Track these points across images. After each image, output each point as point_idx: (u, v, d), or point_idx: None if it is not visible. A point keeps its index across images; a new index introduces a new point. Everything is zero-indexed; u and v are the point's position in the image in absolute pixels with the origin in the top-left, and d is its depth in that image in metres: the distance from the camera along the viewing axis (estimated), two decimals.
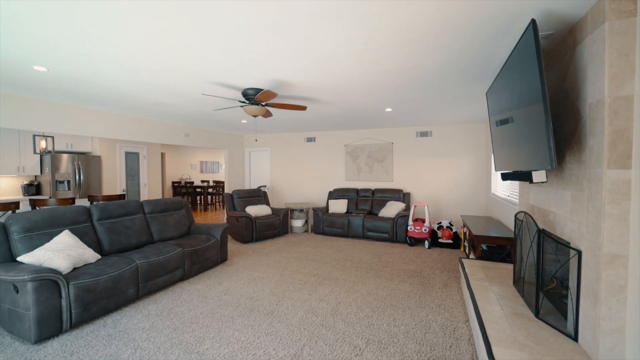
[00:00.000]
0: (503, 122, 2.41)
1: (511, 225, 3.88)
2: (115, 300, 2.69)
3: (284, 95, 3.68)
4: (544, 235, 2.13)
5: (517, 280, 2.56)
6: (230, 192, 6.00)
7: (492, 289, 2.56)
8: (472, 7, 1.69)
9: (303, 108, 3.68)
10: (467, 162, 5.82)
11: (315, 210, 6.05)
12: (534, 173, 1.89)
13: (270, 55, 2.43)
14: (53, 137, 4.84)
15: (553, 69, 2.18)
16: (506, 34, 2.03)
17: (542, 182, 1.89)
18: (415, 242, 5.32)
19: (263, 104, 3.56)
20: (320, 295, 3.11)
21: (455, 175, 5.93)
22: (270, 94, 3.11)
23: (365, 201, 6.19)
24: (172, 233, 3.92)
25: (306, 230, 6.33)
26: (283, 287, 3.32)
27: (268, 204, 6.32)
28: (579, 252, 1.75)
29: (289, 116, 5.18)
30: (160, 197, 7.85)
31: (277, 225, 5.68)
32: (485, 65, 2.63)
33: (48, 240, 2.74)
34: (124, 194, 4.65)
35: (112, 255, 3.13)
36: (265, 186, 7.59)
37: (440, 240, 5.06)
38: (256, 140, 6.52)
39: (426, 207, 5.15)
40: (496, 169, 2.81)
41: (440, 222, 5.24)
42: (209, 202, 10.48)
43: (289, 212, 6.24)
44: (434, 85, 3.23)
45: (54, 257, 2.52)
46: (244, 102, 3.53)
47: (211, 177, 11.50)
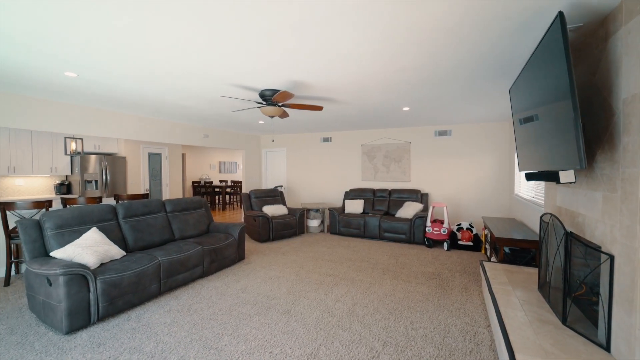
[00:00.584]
0: (527, 119, 2.32)
1: (536, 227, 3.71)
2: (138, 295, 2.80)
3: (301, 95, 3.70)
4: (571, 239, 2.02)
5: (543, 285, 2.45)
6: (248, 192, 6.10)
7: (515, 294, 2.46)
8: (496, 1, 1.64)
9: (319, 108, 3.68)
10: (489, 162, 5.63)
11: (331, 210, 6.04)
12: (561, 173, 1.80)
13: (286, 57, 2.45)
14: (82, 139, 5.10)
15: (582, 63, 2.07)
16: (531, 28, 1.95)
17: (571, 183, 1.79)
18: (434, 243, 5.20)
19: (280, 104, 3.59)
20: (336, 295, 3.10)
21: (476, 176, 5.75)
22: (287, 95, 3.14)
23: (381, 201, 6.12)
24: (192, 231, 4.03)
25: (322, 230, 6.34)
26: (299, 286, 3.33)
27: (284, 203, 6.38)
28: (611, 257, 1.65)
29: (305, 116, 5.20)
30: (181, 196, 8.10)
31: (293, 225, 5.72)
32: (509, 61, 2.53)
33: (77, 237, 2.89)
34: (147, 193, 4.84)
35: (136, 252, 3.26)
36: (281, 186, 7.66)
37: (459, 242, 4.92)
38: (273, 141, 6.60)
39: (445, 208, 5.03)
40: (520, 169, 2.70)
41: (460, 224, 5.09)
42: (227, 201, 10.71)
43: (305, 212, 6.27)
44: (454, 82, 3.14)
45: (82, 253, 2.66)
46: (261, 103, 3.58)
47: (229, 177, 11.74)
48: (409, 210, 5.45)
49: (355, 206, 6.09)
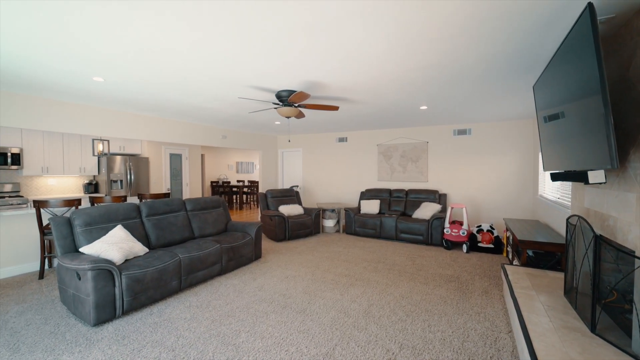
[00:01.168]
0: (553, 117, 2.22)
1: (561, 230, 3.54)
2: (160, 291, 2.90)
3: (317, 96, 3.71)
4: (601, 242, 1.91)
5: (569, 291, 2.34)
6: (264, 192, 6.18)
7: (540, 299, 2.36)
8: None
9: (335, 108, 3.68)
10: (511, 162, 5.43)
11: (347, 210, 6.02)
12: (590, 173, 1.71)
13: (302, 57, 2.47)
14: (108, 141, 5.34)
15: (613, 56, 1.96)
16: (558, 21, 1.87)
17: (600, 183, 1.70)
18: (452, 245, 5.08)
19: (296, 105, 3.62)
20: (352, 296, 3.09)
21: (497, 176, 5.56)
22: (303, 95, 3.16)
23: (398, 202, 6.03)
24: (211, 230, 4.13)
25: (338, 231, 6.33)
26: (315, 286, 3.35)
27: (300, 203, 6.42)
28: None
29: (321, 117, 5.22)
30: (200, 195, 8.33)
31: (309, 225, 5.75)
32: (533, 56, 2.44)
33: (104, 234, 3.03)
34: (169, 193, 5.00)
35: (158, 249, 3.38)
36: (297, 186, 7.72)
37: (480, 245, 4.78)
38: (289, 141, 6.66)
39: (464, 209, 4.89)
40: (544, 169, 2.59)
41: (480, 225, 4.94)
42: (244, 201, 10.90)
43: (321, 212, 6.28)
44: (475, 80, 3.05)
45: (109, 250, 2.79)
46: (278, 104, 3.62)
47: (246, 177, 11.95)
48: (426, 211, 5.35)
49: (371, 206, 6.04)
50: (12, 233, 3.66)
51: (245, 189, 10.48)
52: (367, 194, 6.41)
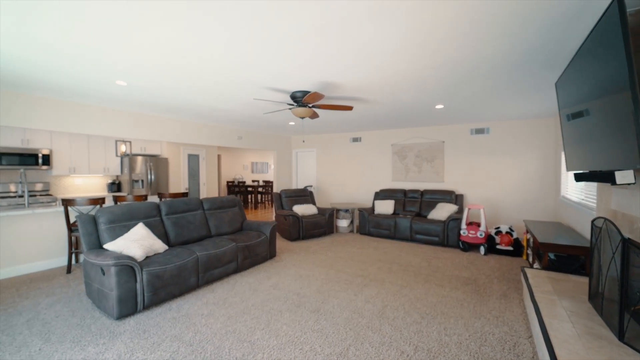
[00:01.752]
0: (577, 115, 2.13)
1: (586, 232, 3.39)
2: (179, 287, 2.99)
3: (331, 96, 3.72)
4: (630, 246, 1.82)
5: (594, 296, 2.24)
6: (279, 192, 6.25)
7: (562, 304, 2.28)
8: None
9: (349, 108, 3.68)
10: (531, 162, 5.25)
11: (360, 210, 5.99)
12: (617, 173, 1.63)
13: (316, 57, 2.48)
14: (130, 142, 5.55)
15: None
16: (583, 14, 1.79)
17: (629, 184, 1.62)
18: (469, 247, 4.96)
19: (310, 105, 3.64)
20: (366, 296, 3.08)
21: (517, 176, 5.38)
22: (317, 96, 3.18)
23: (413, 202, 5.95)
24: (227, 229, 4.22)
25: (351, 231, 6.31)
26: (329, 285, 3.36)
27: (314, 203, 6.45)
28: None
29: (335, 117, 5.22)
30: (216, 195, 8.51)
31: (323, 225, 5.76)
32: (555, 52, 2.35)
33: (126, 231, 3.16)
34: (187, 192, 5.15)
35: (177, 246, 3.49)
36: (311, 186, 7.75)
37: (498, 247, 4.64)
38: (303, 142, 6.70)
39: (482, 210, 4.77)
40: (567, 169, 2.49)
41: (499, 227, 4.80)
42: (259, 200, 11.05)
43: (335, 211, 6.29)
44: (493, 77, 2.98)
45: (131, 246, 2.90)
46: (292, 105, 3.66)
47: (261, 177, 12.10)
48: (442, 211, 5.25)
49: (385, 207, 5.99)
50: (42, 230, 3.88)
51: (260, 189, 10.62)
52: (381, 194, 6.36)
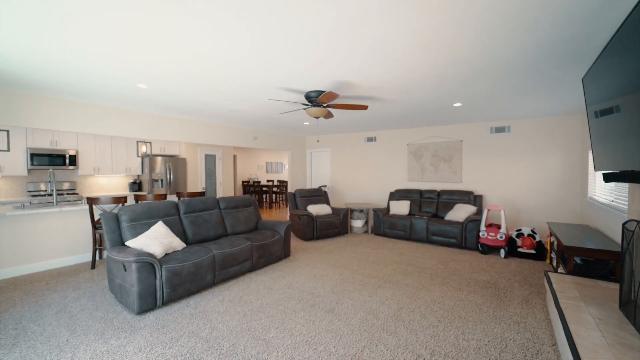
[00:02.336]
0: (606, 111, 2.02)
1: (615, 236, 3.21)
2: (196, 284, 3.06)
3: (345, 95, 3.70)
4: None
5: (626, 304, 2.11)
6: (293, 192, 6.28)
7: (590, 311, 2.16)
8: None
9: (364, 107, 3.65)
10: (555, 161, 5.02)
11: (375, 211, 5.93)
12: None
13: (331, 57, 2.48)
14: (151, 143, 5.74)
15: None
16: (613, 6, 1.70)
17: None
18: (489, 250, 4.81)
19: (325, 105, 3.64)
20: (380, 298, 3.04)
21: (540, 176, 5.17)
22: (332, 95, 3.17)
23: (429, 203, 5.83)
24: (243, 228, 4.28)
25: (366, 231, 6.26)
26: (343, 286, 3.34)
27: (328, 203, 6.44)
28: None
29: (350, 116, 5.19)
30: (232, 194, 8.67)
31: (337, 225, 5.75)
32: (582, 46, 2.24)
33: (147, 229, 3.26)
34: (204, 191, 5.26)
35: (194, 244, 3.57)
36: (325, 186, 7.75)
37: (519, 250, 4.47)
38: (318, 141, 6.71)
39: (502, 212, 4.61)
40: (595, 169, 2.36)
41: (520, 229, 4.63)
42: (274, 200, 11.15)
43: (349, 212, 6.25)
44: (515, 74, 2.87)
45: (151, 244, 2.99)
46: (307, 105, 3.66)
47: (276, 177, 12.22)
48: (460, 212, 5.11)
49: (400, 207, 5.90)
50: (69, 227, 4.07)
51: (274, 189, 10.72)
52: (397, 195, 6.27)
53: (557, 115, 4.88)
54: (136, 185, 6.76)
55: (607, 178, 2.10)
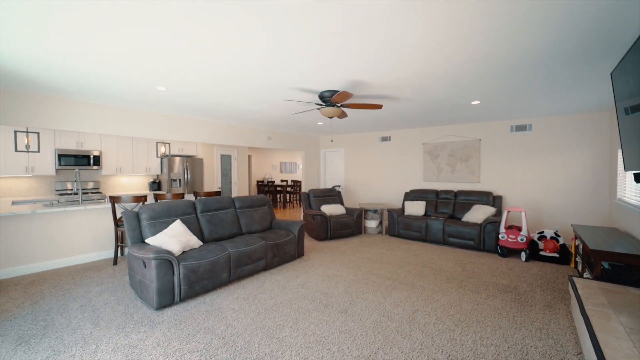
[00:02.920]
0: (637, 108, 1.91)
1: None
2: (212, 282, 3.13)
3: (359, 95, 3.67)
4: None
5: None
6: (307, 191, 6.30)
7: (619, 319, 2.05)
8: None
9: (378, 107, 3.61)
10: (580, 160, 4.79)
11: (390, 211, 5.86)
12: None
13: (344, 56, 2.46)
14: (169, 144, 5.91)
15: None
16: None
17: None
18: (508, 252, 4.64)
19: (338, 105, 3.63)
20: (395, 300, 3.00)
21: (564, 177, 4.95)
22: (346, 95, 3.15)
23: (446, 204, 5.70)
24: (257, 227, 4.33)
25: (380, 232, 6.19)
26: (356, 287, 3.32)
27: (342, 203, 6.41)
28: None
29: (364, 116, 5.15)
30: (247, 194, 8.79)
31: (351, 225, 5.72)
32: (611, 39, 2.12)
33: (165, 227, 3.36)
34: (220, 191, 5.37)
35: (210, 243, 3.64)
36: (339, 186, 7.72)
37: (541, 253, 4.30)
38: (332, 141, 6.69)
39: (523, 213, 4.44)
40: (626, 168, 2.24)
41: (543, 232, 4.44)
42: (288, 200, 11.23)
43: (363, 212, 6.20)
44: (537, 70, 2.76)
45: (169, 242, 3.08)
46: (321, 105, 3.66)
47: (289, 177, 12.29)
48: (478, 214, 4.97)
49: (416, 208, 5.80)
50: (93, 224, 4.25)
51: (288, 189, 10.79)
52: (412, 195, 6.17)
53: (583, 112, 4.66)
54: (155, 185, 6.98)
55: (638, 178, 1.98)
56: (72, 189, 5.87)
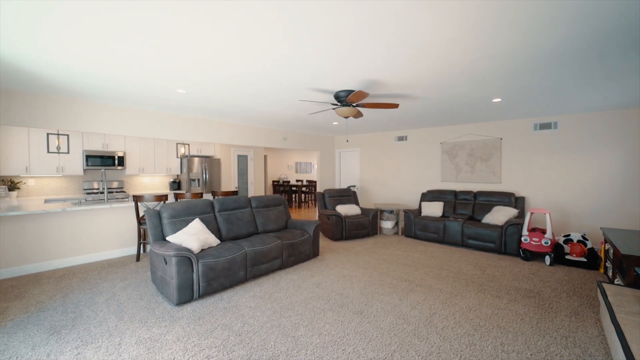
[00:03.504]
0: None
1: None
2: (229, 280, 3.19)
3: (375, 94, 3.64)
4: None
5: None
6: (322, 191, 6.30)
7: None
8: None
9: (395, 106, 3.56)
10: (610, 160, 4.54)
11: (406, 212, 5.77)
12: None
13: (360, 55, 2.45)
14: (189, 145, 6.08)
15: None
16: None
17: None
18: (532, 256, 4.46)
19: (354, 104, 3.61)
20: (411, 302, 2.95)
21: (592, 177, 4.70)
22: (362, 95, 3.13)
23: (465, 205, 5.54)
24: (273, 226, 4.38)
25: (396, 233, 6.11)
26: (372, 288, 3.29)
27: (357, 203, 6.38)
28: None
29: (380, 115, 5.10)
30: (262, 194, 8.91)
31: (366, 225, 5.68)
32: None
33: (185, 226, 3.46)
34: (237, 191, 5.47)
35: (227, 241, 3.72)
36: (354, 186, 7.68)
37: (568, 257, 4.10)
38: (347, 141, 6.67)
39: (548, 215, 4.25)
40: None
41: (569, 235, 4.24)
42: (303, 200, 11.29)
43: (379, 212, 6.14)
44: (562, 65, 2.64)
45: (189, 240, 3.17)
46: (336, 105, 3.66)
47: (305, 177, 12.35)
48: (499, 215, 4.81)
49: (433, 209, 5.68)
50: (117, 222, 4.44)
51: (303, 188, 10.85)
52: (429, 196, 6.05)
53: (613, 108, 4.41)
54: (175, 184, 7.20)
55: None
56: (98, 188, 6.16)
